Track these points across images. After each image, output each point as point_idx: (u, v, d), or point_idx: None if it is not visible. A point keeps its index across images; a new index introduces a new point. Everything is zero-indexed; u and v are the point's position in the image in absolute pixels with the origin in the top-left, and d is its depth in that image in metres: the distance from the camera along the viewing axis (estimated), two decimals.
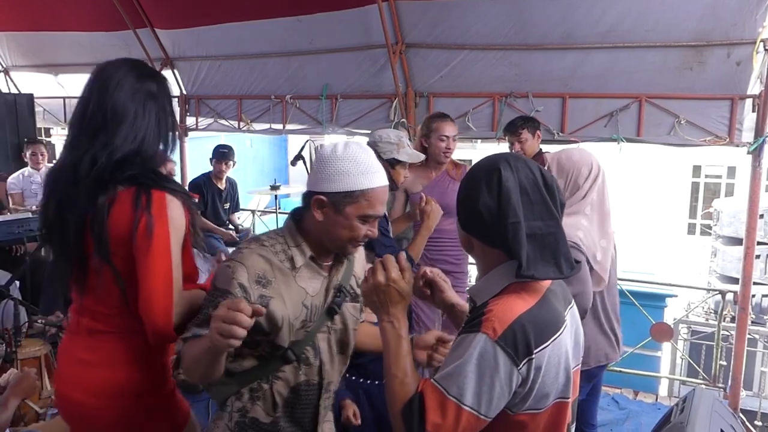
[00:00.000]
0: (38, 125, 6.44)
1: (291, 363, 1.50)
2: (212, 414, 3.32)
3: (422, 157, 2.78)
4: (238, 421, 1.54)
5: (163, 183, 1.57)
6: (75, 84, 6.43)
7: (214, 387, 1.57)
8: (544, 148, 3.78)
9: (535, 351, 1.15)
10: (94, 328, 1.64)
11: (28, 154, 5.47)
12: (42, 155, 5.53)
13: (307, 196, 1.47)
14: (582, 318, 1.55)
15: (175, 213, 1.56)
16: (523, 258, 1.18)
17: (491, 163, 1.26)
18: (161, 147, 1.64)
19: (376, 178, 1.44)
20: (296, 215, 1.54)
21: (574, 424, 1.38)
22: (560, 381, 1.22)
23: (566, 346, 1.23)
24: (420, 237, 2.57)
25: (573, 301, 1.36)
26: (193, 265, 1.68)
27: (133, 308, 1.55)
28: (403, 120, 3.61)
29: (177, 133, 1.73)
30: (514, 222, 1.20)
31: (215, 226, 5.17)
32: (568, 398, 1.25)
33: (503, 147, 4.36)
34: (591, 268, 2.35)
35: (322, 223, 1.45)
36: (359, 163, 1.42)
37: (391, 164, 2.62)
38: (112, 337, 1.63)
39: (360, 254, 1.68)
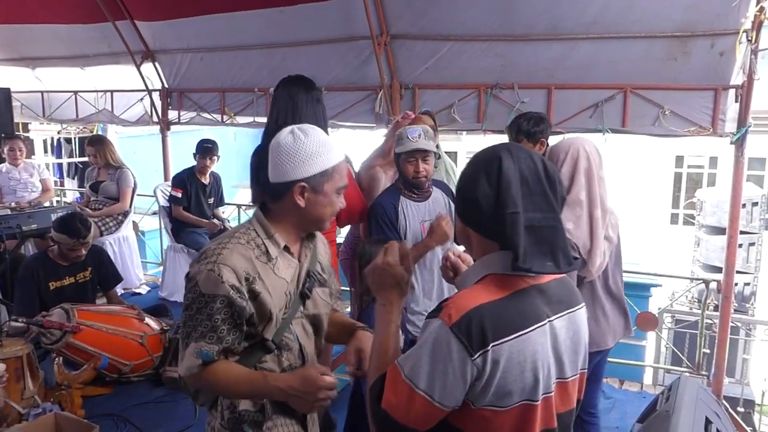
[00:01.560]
0: (16, 120, 6.31)
1: (272, 352, 1.55)
2: (199, 411, 3.31)
3: (410, 147, 2.65)
4: (230, 418, 1.57)
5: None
6: (53, 78, 6.31)
7: (202, 393, 1.59)
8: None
9: (491, 343, 1.13)
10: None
11: (5, 149, 5.37)
12: (20, 151, 5.42)
13: (282, 187, 1.50)
14: None
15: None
16: (520, 249, 1.15)
17: (492, 152, 1.24)
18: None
19: (339, 152, 1.54)
20: (266, 209, 1.58)
21: None
22: (526, 381, 1.17)
23: (539, 347, 1.18)
24: (415, 250, 2.50)
25: (577, 306, 1.31)
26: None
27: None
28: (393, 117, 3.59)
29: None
30: (513, 212, 1.17)
31: (198, 219, 5.11)
32: (536, 401, 1.20)
33: (489, 139, 4.34)
34: (582, 261, 2.36)
35: (305, 208, 1.51)
36: (323, 142, 1.50)
37: (397, 159, 2.69)
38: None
39: (321, 240, 1.73)
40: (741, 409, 4.06)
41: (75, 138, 9.45)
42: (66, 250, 3.73)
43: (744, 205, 4.93)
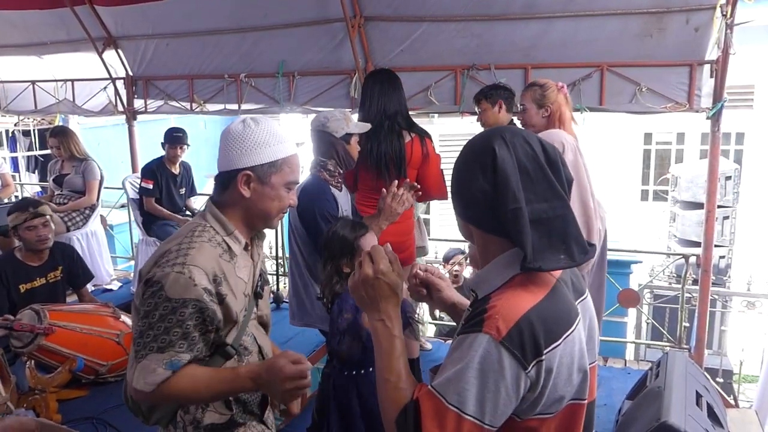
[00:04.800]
0: None
1: (231, 357, 1.47)
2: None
3: (369, 126, 2.81)
4: None
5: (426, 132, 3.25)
6: (8, 67, 6.00)
7: (158, 409, 1.48)
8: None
9: (545, 351, 1.03)
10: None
11: None
12: None
13: (227, 176, 1.44)
14: None
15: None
16: (528, 248, 1.05)
17: (484, 141, 1.13)
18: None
19: (291, 145, 1.48)
20: (216, 201, 1.49)
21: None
22: (575, 382, 1.10)
23: (580, 342, 1.11)
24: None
25: (586, 291, 1.25)
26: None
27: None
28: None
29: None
30: (515, 208, 1.06)
31: (172, 214, 4.96)
32: (584, 400, 1.13)
33: (466, 120, 4.31)
34: None
35: (249, 200, 1.44)
36: (274, 133, 1.44)
37: (345, 140, 2.63)
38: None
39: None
40: (720, 380, 4.16)
41: (34, 130, 9.08)
42: (26, 232, 3.52)
43: (718, 180, 5.01)
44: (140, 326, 1.35)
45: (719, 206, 5.23)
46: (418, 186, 2.64)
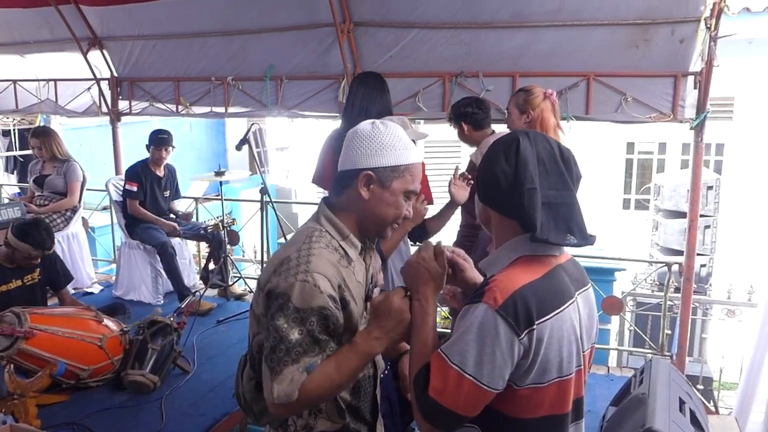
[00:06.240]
0: None
1: None
2: (166, 416, 3.16)
3: (427, 134, 2.86)
4: None
5: None
6: None
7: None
8: (498, 129, 3.73)
9: (536, 322, 1.19)
10: None
11: None
12: None
13: (348, 175, 1.42)
14: None
15: None
16: (538, 222, 1.23)
17: (510, 135, 1.33)
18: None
19: (416, 153, 1.46)
20: (331, 203, 1.48)
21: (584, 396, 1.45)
22: (563, 356, 1.26)
23: (572, 322, 1.28)
24: (397, 233, 2.48)
25: (589, 284, 1.41)
26: None
27: None
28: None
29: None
30: (530, 188, 1.24)
31: (156, 218, 4.90)
32: (571, 375, 1.30)
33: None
34: None
35: (368, 202, 1.41)
36: (401, 138, 1.42)
37: None
38: None
39: None
40: (701, 387, 4.21)
41: (14, 130, 8.93)
42: (21, 257, 3.51)
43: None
44: (272, 341, 1.32)
45: (701, 215, 5.29)
46: (470, 176, 2.72)
